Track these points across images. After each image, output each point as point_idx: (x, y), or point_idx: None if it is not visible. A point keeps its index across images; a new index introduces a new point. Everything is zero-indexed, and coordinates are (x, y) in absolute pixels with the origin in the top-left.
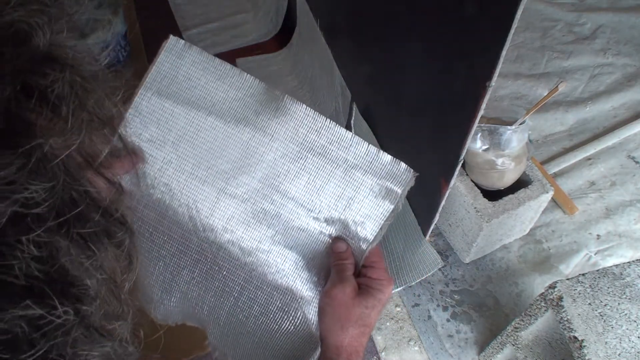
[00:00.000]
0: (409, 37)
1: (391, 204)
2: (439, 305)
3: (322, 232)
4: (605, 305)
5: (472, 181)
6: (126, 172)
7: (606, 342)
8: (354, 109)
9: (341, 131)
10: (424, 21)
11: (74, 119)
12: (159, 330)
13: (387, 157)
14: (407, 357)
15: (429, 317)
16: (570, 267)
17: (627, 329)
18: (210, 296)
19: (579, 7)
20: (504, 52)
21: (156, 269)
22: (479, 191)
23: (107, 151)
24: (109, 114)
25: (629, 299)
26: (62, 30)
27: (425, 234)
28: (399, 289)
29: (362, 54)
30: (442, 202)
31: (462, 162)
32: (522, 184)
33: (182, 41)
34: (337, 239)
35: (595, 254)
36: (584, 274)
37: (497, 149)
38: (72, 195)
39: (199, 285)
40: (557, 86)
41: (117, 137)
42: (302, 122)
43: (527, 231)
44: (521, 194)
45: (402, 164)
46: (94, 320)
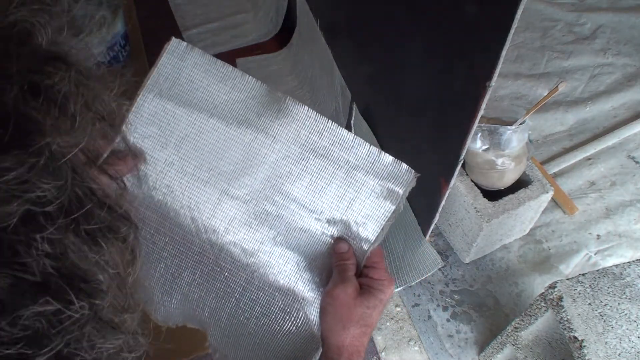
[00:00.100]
0: (409, 37)
1: (392, 204)
2: (439, 305)
3: (323, 233)
4: (605, 305)
5: (472, 181)
6: (128, 172)
7: (606, 342)
8: (354, 109)
9: (343, 132)
10: (424, 21)
11: (80, 118)
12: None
13: (388, 158)
14: (407, 357)
15: (429, 317)
16: (570, 267)
17: (627, 329)
18: (211, 298)
19: (579, 7)
20: (504, 52)
21: (157, 270)
22: (479, 191)
23: (109, 150)
24: (112, 113)
25: (629, 299)
26: (62, 28)
27: (425, 234)
28: (399, 289)
29: (362, 54)
30: (442, 202)
31: (462, 162)
32: (522, 184)
33: (184, 43)
34: (338, 240)
35: (595, 254)
36: (584, 274)
37: (497, 149)
38: (79, 192)
39: (200, 286)
40: (557, 86)
41: (119, 138)
42: (304, 123)
43: (527, 231)
44: (521, 194)
45: (404, 165)
46: (105, 313)
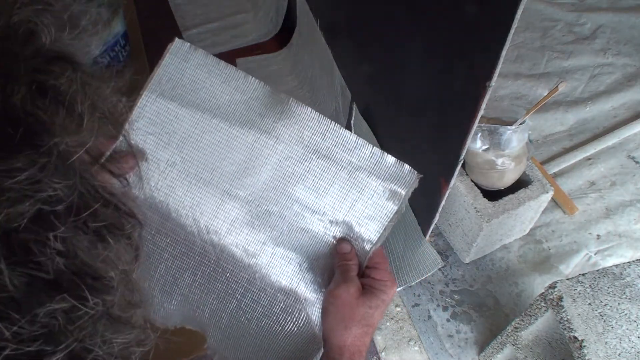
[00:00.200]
0: (409, 37)
1: (395, 205)
2: (439, 305)
3: (326, 234)
4: (605, 305)
5: (472, 181)
6: (128, 171)
7: (606, 342)
8: (354, 109)
9: (346, 134)
10: (424, 21)
11: (87, 118)
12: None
13: (391, 159)
14: (407, 357)
15: (429, 317)
16: (570, 267)
17: (627, 329)
18: (212, 299)
19: (579, 7)
20: (504, 52)
21: (157, 271)
22: (479, 191)
23: (112, 148)
24: (115, 112)
25: (629, 299)
26: (64, 28)
27: (425, 234)
28: (399, 289)
29: (362, 54)
30: (442, 202)
31: (462, 162)
32: (522, 184)
33: (187, 44)
34: (341, 240)
35: (595, 254)
36: (584, 274)
37: (497, 149)
38: (86, 191)
39: (201, 287)
40: (557, 86)
41: (121, 136)
42: (307, 124)
43: (527, 231)
44: (521, 194)
45: (406, 166)
46: (116, 309)
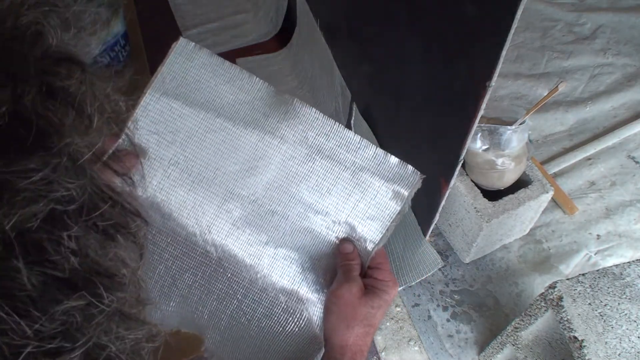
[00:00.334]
0: (409, 37)
1: (398, 205)
2: (439, 305)
3: (329, 234)
4: (605, 305)
5: (472, 181)
6: (130, 169)
7: (606, 342)
8: (354, 109)
9: (350, 134)
10: (424, 21)
11: (96, 119)
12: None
13: (394, 159)
14: (407, 357)
15: (429, 317)
16: (570, 267)
17: (627, 329)
18: (212, 299)
19: (579, 7)
20: (504, 52)
21: (156, 272)
22: (479, 191)
23: (114, 147)
24: (120, 112)
25: (629, 299)
26: (70, 29)
27: (425, 234)
28: (399, 289)
29: (362, 54)
30: (442, 202)
31: (462, 162)
32: (522, 184)
33: (192, 43)
34: (344, 240)
35: (595, 254)
36: (584, 274)
37: (497, 149)
38: (95, 190)
39: (201, 288)
40: (557, 86)
41: (123, 135)
42: (312, 125)
43: (527, 231)
44: (521, 194)
45: (409, 167)
46: (127, 306)
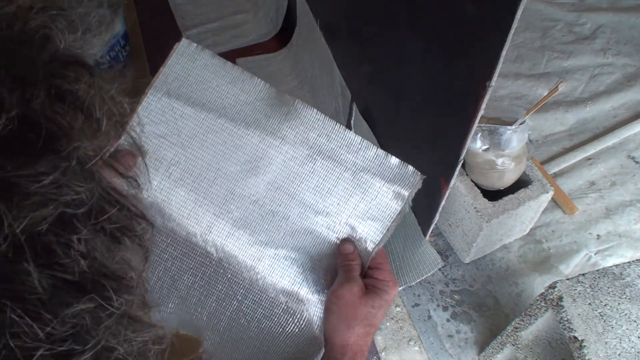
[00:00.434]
0: (409, 37)
1: (398, 206)
2: (439, 305)
3: (329, 234)
4: (605, 305)
5: (472, 181)
6: (130, 168)
7: (606, 342)
8: (354, 109)
9: (350, 135)
10: (424, 21)
11: (105, 123)
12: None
13: (395, 160)
14: (407, 357)
15: (429, 317)
16: (570, 267)
17: (627, 329)
18: (212, 301)
19: (579, 7)
20: (504, 52)
21: (155, 273)
22: (479, 191)
23: (115, 146)
24: (125, 115)
25: (629, 299)
26: (77, 32)
27: (425, 234)
28: (399, 289)
29: (362, 53)
30: (442, 202)
31: (462, 162)
32: (522, 184)
33: (194, 44)
34: (344, 241)
35: (595, 254)
36: (584, 274)
37: (497, 149)
38: (102, 194)
39: (200, 289)
40: (557, 86)
41: (124, 135)
42: (313, 126)
43: (527, 231)
44: (521, 194)
45: (410, 167)
46: (134, 309)
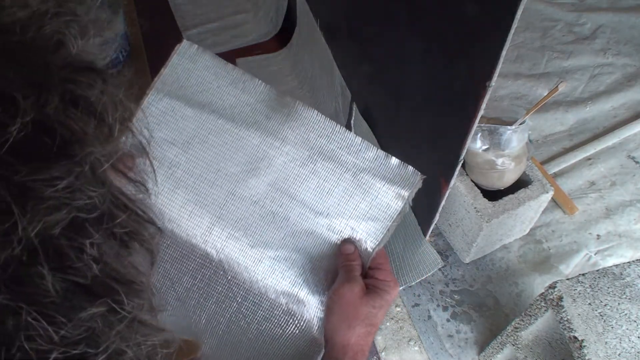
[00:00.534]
0: (409, 37)
1: (398, 206)
2: (439, 305)
3: (330, 235)
4: (605, 305)
5: (472, 181)
6: (129, 170)
7: (606, 342)
8: (354, 109)
9: (351, 136)
10: (424, 21)
11: (117, 129)
12: None
13: (395, 160)
14: (407, 357)
15: (429, 317)
16: (570, 267)
17: (627, 329)
18: (211, 303)
19: (579, 7)
20: (504, 52)
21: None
22: (479, 191)
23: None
24: (131, 118)
25: (629, 299)
26: (89, 37)
27: (425, 234)
28: (399, 288)
29: (362, 53)
30: (442, 202)
31: (462, 162)
32: (522, 184)
33: (195, 45)
34: (345, 241)
35: (595, 254)
36: (584, 274)
37: (497, 149)
38: (111, 198)
39: (200, 291)
40: (557, 86)
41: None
42: (313, 127)
43: (527, 231)
44: (521, 194)
45: (410, 167)
46: (144, 313)
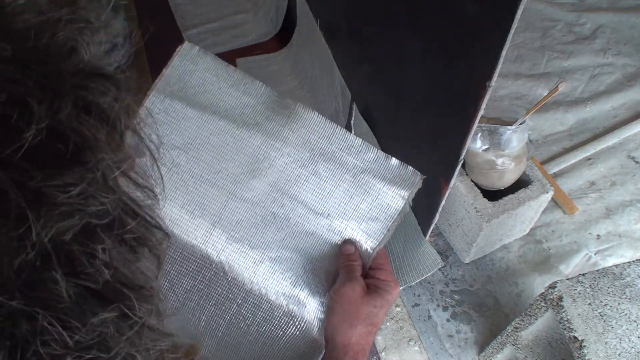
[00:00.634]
0: (409, 37)
1: (399, 206)
2: (439, 305)
3: (330, 236)
4: (605, 305)
5: (472, 181)
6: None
7: (606, 342)
8: (354, 109)
9: (351, 138)
10: (424, 21)
11: (128, 134)
12: None
13: (395, 161)
14: (407, 357)
15: (429, 317)
16: (570, 267)
17: (627, 329)
18: (211, 304)
19: (579, 7)
20: (504, 52)
21: None
22: (479, 191)
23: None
24: (140, 124)
25: (629, 299)
26: (100, 44)
27: (425, 234)
28: (399, 288)
29: (362, 54)
30: (442, 202)
31: (462, 162)
32: (522, 184)
33: (197, 47)
34: (345, 242)
35: (595, 254)
36: (584, 274)
37: (497, 149)
38: (121, 205)
39: (199, 293)
40: (557, 86)
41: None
42: (314, 129)
43: (527, 231)
44: (521, 194)
45: (410, 168)
46: (152, 318)
